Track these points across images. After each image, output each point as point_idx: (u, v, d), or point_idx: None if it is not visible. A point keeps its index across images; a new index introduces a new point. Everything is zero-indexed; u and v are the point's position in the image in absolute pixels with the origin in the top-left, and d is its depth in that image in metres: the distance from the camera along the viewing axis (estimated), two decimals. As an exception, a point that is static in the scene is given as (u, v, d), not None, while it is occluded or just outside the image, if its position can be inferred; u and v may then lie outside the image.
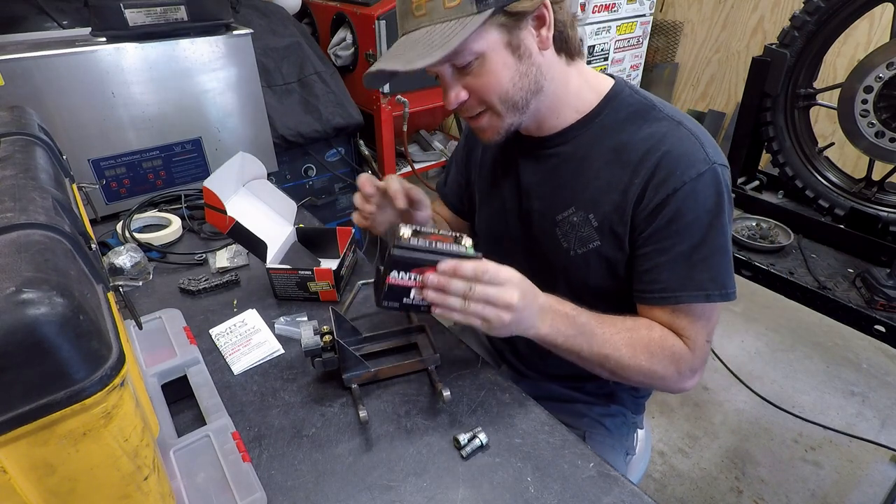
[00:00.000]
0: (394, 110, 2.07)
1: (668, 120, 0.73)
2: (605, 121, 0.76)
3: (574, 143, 0.78)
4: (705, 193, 0.69)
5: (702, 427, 1.78)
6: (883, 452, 1.67)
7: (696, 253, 0.70)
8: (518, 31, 0.66)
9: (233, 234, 0.92)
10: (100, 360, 0.37)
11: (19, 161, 0.55)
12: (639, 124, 0.74)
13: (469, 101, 0.71)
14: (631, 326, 0.74)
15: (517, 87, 0.69)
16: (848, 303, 1.18)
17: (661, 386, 0.76)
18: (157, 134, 1.28)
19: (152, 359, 0.78)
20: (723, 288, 0.72)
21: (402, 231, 0.65)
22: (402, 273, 0.65)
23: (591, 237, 0.77)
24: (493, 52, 0.66)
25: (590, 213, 0.76)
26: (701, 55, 2.88)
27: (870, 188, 1.33)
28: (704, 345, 0.75)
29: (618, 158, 0.74)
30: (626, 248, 0.75)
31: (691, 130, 0.71)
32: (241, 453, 0.64)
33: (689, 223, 0.69)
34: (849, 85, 1.22)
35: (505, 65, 0.67)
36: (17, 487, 0.37)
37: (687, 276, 0.71)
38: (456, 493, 0.61)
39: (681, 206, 0.69)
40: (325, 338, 0.74)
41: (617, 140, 0.74)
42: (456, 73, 0.69)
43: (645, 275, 0.74)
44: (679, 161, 0.69)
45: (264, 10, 1.97)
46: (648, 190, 0.71)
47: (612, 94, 0.77)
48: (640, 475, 1.04)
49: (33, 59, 1.07)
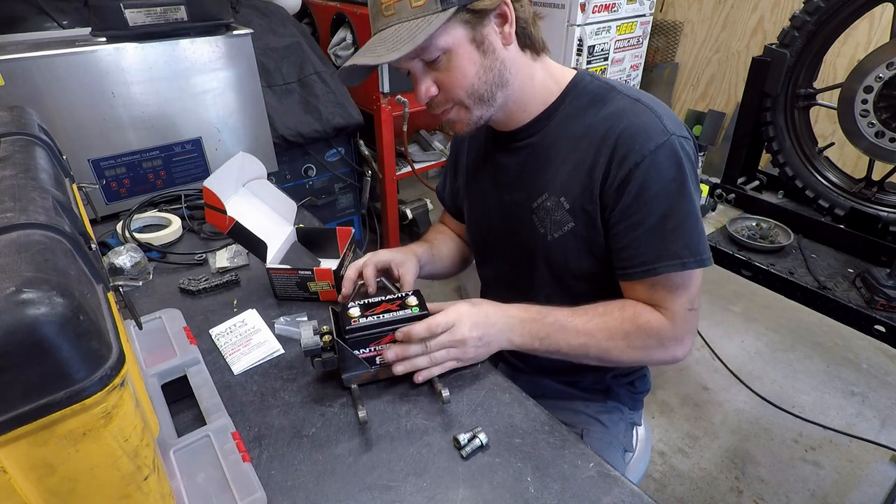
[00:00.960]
0: (394, 110, 2.07)
1: (625, 98, 0.76)
2: (568, 108, 0.80)
3: (542, 133, 0.82)
4: (666, 164, 0.71)
5: (702, 427, 1.78)
6: (883, 452, 1.67)
7: (667, 223, 0.73)
8: (481, 27, 0.70)
9: (233, 234, 0.92)
10: (100, 360, 0.37)
11: (19, 161, 0.55)
12: (599, 106, 0.77)
13: (438, 96, 0.74)
14: (602, 311, 0.77)
15: (482, 80, 0.72)
16: (848, 303, 1.18)
17: (649, 360, 0.80)
18: (157, 134, 1.28)
19: (152, 359, 0.78)
20: (697, 255, 0.74)
21: (351, 311, 0.73)
22: (361, 349, 0.73)
23: (564, 220, 0.80)
24: (458, 48, 0.70)
25: (561, 197, 0.79)
26: (701, 55, 2.87)
27: (870, 188, 1.33)
28: (686, 313, 0.77)
29: (582, 141, 0.77)
30: (599, 226, 0.77)
31: (648, 105, 0.74)
32: (241, 453, 0.64)
33: (655, 194, 0.72)
34: (849, 85, 1.22)
35: (470, 59, 0.71)
36: (17, 487, 0.37)
37: (661, 246, 0.73)
38: (456, 493, 0.61)
39: (644, 179, 0.71)
40: (324, 338, 0.74)
41: (580, 124, 0.78)
42: (425, 68, 0.72)
43: (622, 252, 0.76)
44: (637, 135, 0.72)
45: (264, 10, 1.97)
46: (612, 167, 0.73)
47: (573, 84, 0.80)
48: (640, 475, 1.04)
49: (33, 59, 1.07)
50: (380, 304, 0.75)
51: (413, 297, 0.77)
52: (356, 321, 0.72)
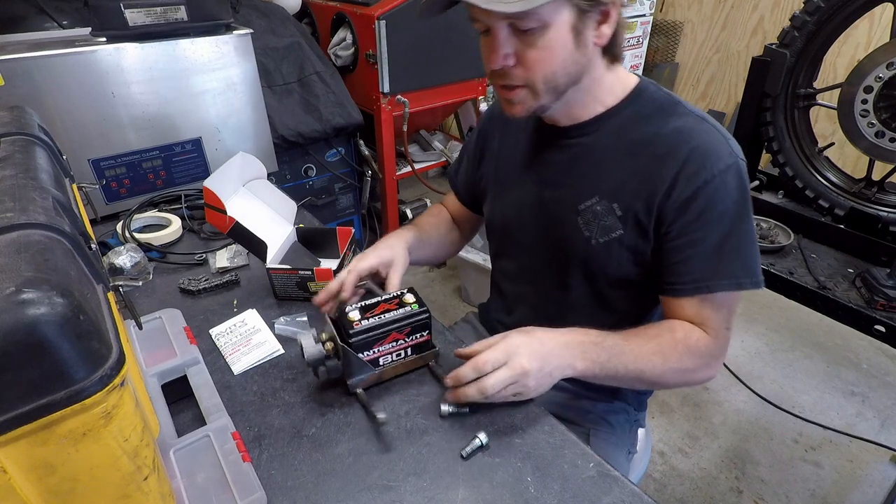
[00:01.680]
0: (394, 110, 2.07)
1: (692, 115, 0.75)
2: (631, 114, 0.78)
3: (597, 133, 0.79)
4: (732, 185, 0.71)
5: (702, 427, 1.78)
6: (883, 452, 1.67)
7: (727, 243, 0.73)
8: (585, 17, 0.67)
9: (233, 234, 0.92)
10: (100, 360, 0.37)
11: (19, 161, 0.55)
12: (664, 118, 0.76)
13: (514, 69, 0.70)
14: (655, 334, 0.75)
15: (565, 70, 0.70)
16: (848, 303, 1.18)
17: (694, 381, 0.79)
18: (157, 134, 1.28)
19: (152, 359, 0.78)
20: (753, 276, 0.74)
21: (351, 315, 0.72)
22: (365, 352, 0.72)
23: (614, 226, 0.78)
24: (558, 28, 0.66)
25: (613, 203, 0.77)
26: (701, 55, 2.88)
27: (870, 188, 1.33)
28: (725, 332, 0.78)
29: (644, 150, 0.75)
30: (650, 237, 0.76)
31: (714, 126, 0.74)
32: (241, 453, 0.64)
33: (719, 214, 0.72)
34: (849, 85, 1.22)
35: (563, 45, 0.68)
36: (17, 487, 0.37)
37: (718, 265, 0.73)
38: (456, 493, 0.61)
39: (711, 198, 0.71)
40: (326, 345, 0.72)
41: (643, 132, 0.76)
42: (511, 35, 0.68)
43: (676, 266, 0.75)
44: (709, 154, 0.71)
45: (264, 10, 1.97)
46: (678, 182, 0.72)
47: (638, 90, 0.79)
48: (640, 475, 1.04)
49: (33, 59, 1.07)
50: (378, 305, 0.74)
51: (409, 294, 0.76)
52: (358, 324, 0.71)
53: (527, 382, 0.68)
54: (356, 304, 0.74)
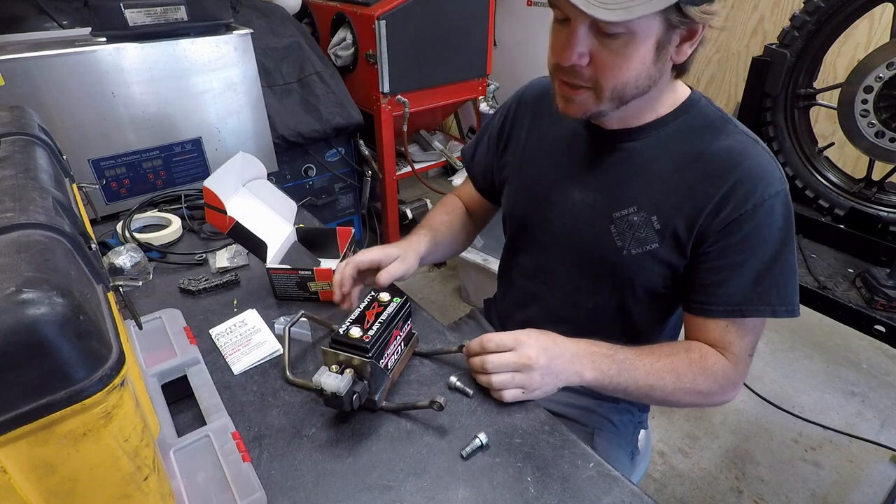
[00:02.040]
0: (394, 110, 2.07)
1: (744, 135, 0.73)
2: (681, 126, 0.75)
3: (644, 141, 0.77)
4: (780, 212, 0.70)
5: (702, 427, 1.78)
6: (883, 452, 1.67)
7: (768, 269, 0.71)
8: (672, 33, 0.65)
9: (233, 234, 0.92)
10: (100, 360, 0.37)
11: (19, 161, 0.55)
12: (716, 135, 0.73)
13: (585, 69, 0.66)
14: (669, 352, 0.74)
15: (636, 83, 0.67)
16: (848, 303, 1.18)
17: (706, 403, 0.77)
18: (157, 134, 1.28)
19: (152, 359, 0.78)
20: (790, 304, 0.72)
21: (352, 332, 0.68)
22: (380, 360, 0.70)
23: (650, 238, 0.76)
24: (643, 39, 0.63)
25: (653, 215, 0.75)
26: (701, 55, 2.87)
27: (870, 188, 1.32)
28: (747, 358, 0.76)
29: (693, 165, 0.73)
30: (686, 254, 0.75)
31: (766, 149, 0.72)
32: (241, 453, 0.64)
33: (763, 239, 0.70)
34: (849, 85, 1.22)
35: (643, 57, 0.65)
36: (17, 487, 0.37)
37: (755, 291, 0.72)
38: (456, 493, 0.61)
39: (759, 223, 0.69)
40: (345, 372, 0.66)
41: (693, 147, 0.74)
42: (591, 33, 0.64)
43: (709, 287, 0.74)
44: (761, 178, 0.69)
45: (264, 10, 1.97)
46: (727, 202, 0.70)
47: (690, 102, 0.76)
48: (640, 475, 1.04)
49: (33, 59, 1.07)
50: (365, 314, 0.72)
51: (382, 293, 0.75)
52: (367, 337, 0.67)
53: (532, 375, 0.68)
54: (344, 324, 0.70)
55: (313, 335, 0.87)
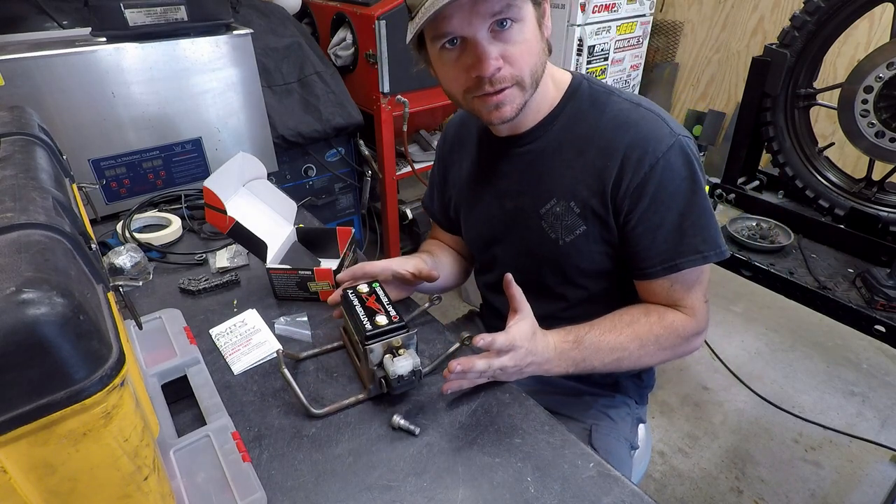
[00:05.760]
0: (394, 110, 2.07)
1: (627, 102, 0.78)
2: (571, 111, 0.80)
3: (544, 138, 0.82)
4: (678, 163, 0.73)
5: (702, 427, 1.78)
6: (883, 452, 1.67)
7: (685, 220, 0.74)
8: (538, 11, 0.71)
9: (233, 234, 0.92)
10: (100, 360, 0.37)
11: (19, 161, 0.55)
12: (602, 110, 0.78)
13: (504, 69, 0.71)
14: (629, 320, 0.78)
15: (541, 61, 0.73)
16: (848, 303, 1.18)
17: (675, 357, 0.81)
18: (157, 134, 1.28)
19: (152, 359, 0.78)
20: (716, 247, 0.76)
21: (379, 319, 0.72)
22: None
23: (575, 224, 0.80)
24: (527, 21, 0.69)
25: (570, 202, 0.80)
26: (701, 55, 2.87)
27: (870, 188, 1.33)
28: (703, 306, 0.79)
29: (588, 145, 0.78)
30: (612, 227, 0.78)
31: (650, 109, 0.76)
32: (241, 453, 0.64)
33: (671, 194, 0.73)
34: (849, 85, 1.22)
35: (535, 37, 0.71)
36: (17, 487, 0.37)
37: (680, 243, 0.75)
38: (456, 493, 0.61)
39: (660, 181, 0.73)
40: (400, 351, 0.70)
41: (584, 128, 0.79)
42: (492, 38, 0.69)
43: (641, 253, 0.77)
44: (648, 139, 0.73)
45: (264, 10, 1.97)
46: (625, 171, 0.74)
47: (573, 88, 0.81)
48: (641, 475, 1.04)
49: (33, 59, 1.07)
50: (368, 308, 0.75)
51: (361, 285, 0.79)
52: (396, 317, 0.72)
53: (509, 374, 0.71)
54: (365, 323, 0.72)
55: (313, 335, 0.87)
